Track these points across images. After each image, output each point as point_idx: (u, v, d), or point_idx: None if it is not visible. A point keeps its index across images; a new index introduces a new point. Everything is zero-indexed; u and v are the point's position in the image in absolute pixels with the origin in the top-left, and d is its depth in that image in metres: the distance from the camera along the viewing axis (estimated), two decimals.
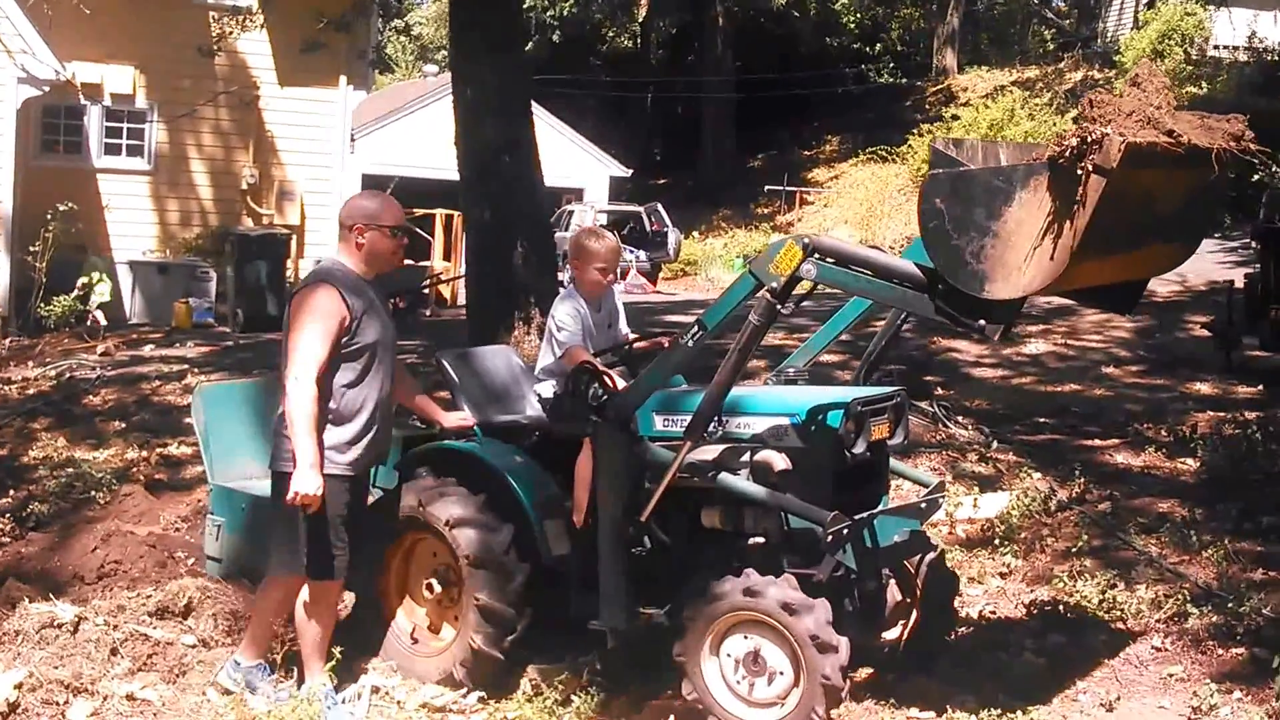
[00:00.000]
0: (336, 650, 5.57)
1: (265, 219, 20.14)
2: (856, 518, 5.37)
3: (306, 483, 5.34)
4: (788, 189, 35.43)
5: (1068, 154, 4.42)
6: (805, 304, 5.65)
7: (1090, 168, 4.37)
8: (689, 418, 5.42)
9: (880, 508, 5.77)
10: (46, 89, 16.54)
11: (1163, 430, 10.47)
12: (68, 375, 13.24)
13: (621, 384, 5.68)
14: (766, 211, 36.50)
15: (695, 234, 34.98)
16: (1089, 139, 4.37)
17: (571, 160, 35.66)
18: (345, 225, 5.74)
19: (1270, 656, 5.15)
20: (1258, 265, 13.49)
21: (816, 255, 5.09)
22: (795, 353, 6.33)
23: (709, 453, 5.51)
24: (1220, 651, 5.69)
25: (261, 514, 5.97)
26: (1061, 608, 6.39)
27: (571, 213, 31.73)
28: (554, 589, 5.82)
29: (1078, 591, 6.60)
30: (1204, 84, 30.17)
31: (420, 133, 33.17)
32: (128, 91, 19.37)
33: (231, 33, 16.18)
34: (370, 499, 5.99)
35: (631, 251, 29.99)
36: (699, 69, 41.04)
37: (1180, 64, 30.65)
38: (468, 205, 9.95)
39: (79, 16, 16.50)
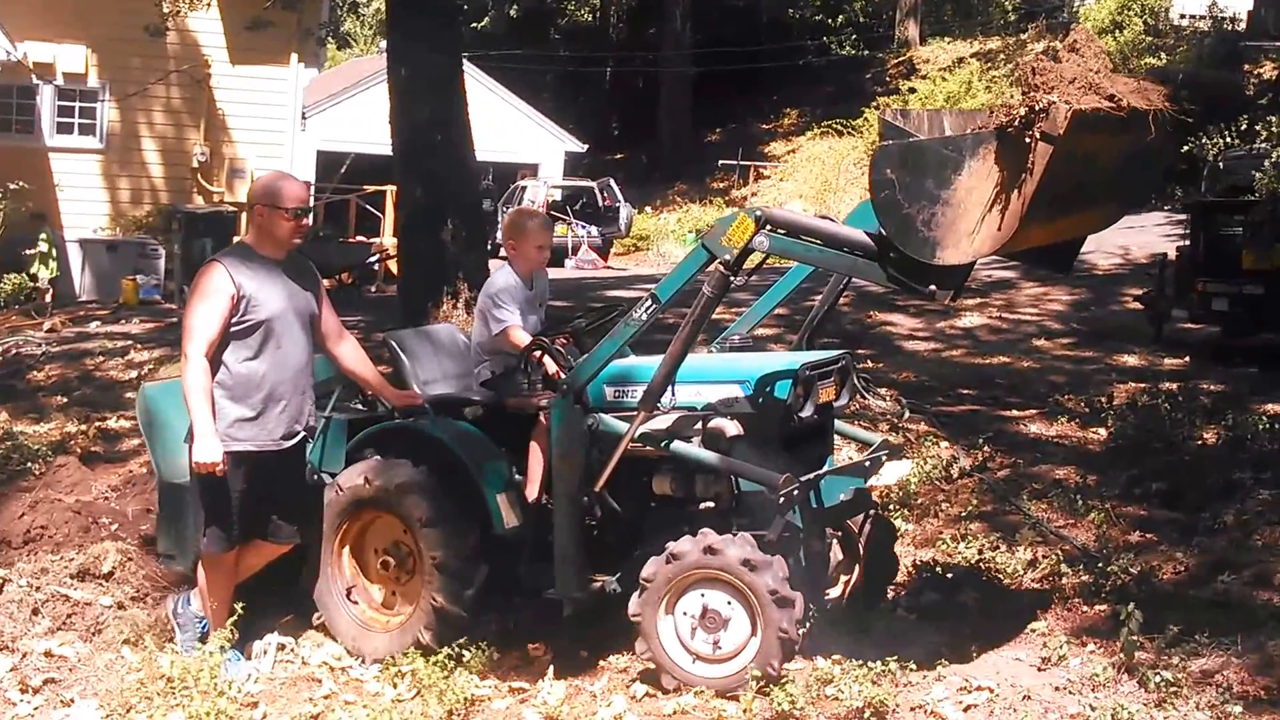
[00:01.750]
0: (238, 606, 5.76)
1: (216, 197, 20.24)
2: (805, 478, 5.52)
3: (204, 451, 5.48)
4: (742, 163, 35.49)
5: (1016, 123, 4.56)
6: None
7: (1038, 135, 4.52)
8: (640, 388, 5.57)
9: (827, 468, 5.93)
10: None
11: (1081, 401, 10.76)
12: (13, 352, 13.38)
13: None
14: (722, 186, 36.54)
15: (650, 209, 35.07)
16: (1036, 108, 4.52)
17: (526, 135, 35.73)
18: (249, 206, 5.95)
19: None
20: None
21: (769, 227, 5.21)
22: (737, 321, 6.44)
23: (662, 422, 5.63)
24: (1085, 609, 5.98)
25: None
26: (940, 568, 6.68)
27: (524, 188, 31.80)
28: (506, 561, 5.91)
29: (959, 553, 6.92)
30: (1163, 55, 30.43)
31: (376, 109, 33.04)
32: (80, 71, 19.44)
33: (180, 11, 16.18)
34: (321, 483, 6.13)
35: (583, 227, 30.13)
36: (658, 43, 41.03)
37: (1139, 34, 30.88)
38: (401, 183, 10.16)
39: None
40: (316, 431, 6.13)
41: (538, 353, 5.86)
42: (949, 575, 6.62)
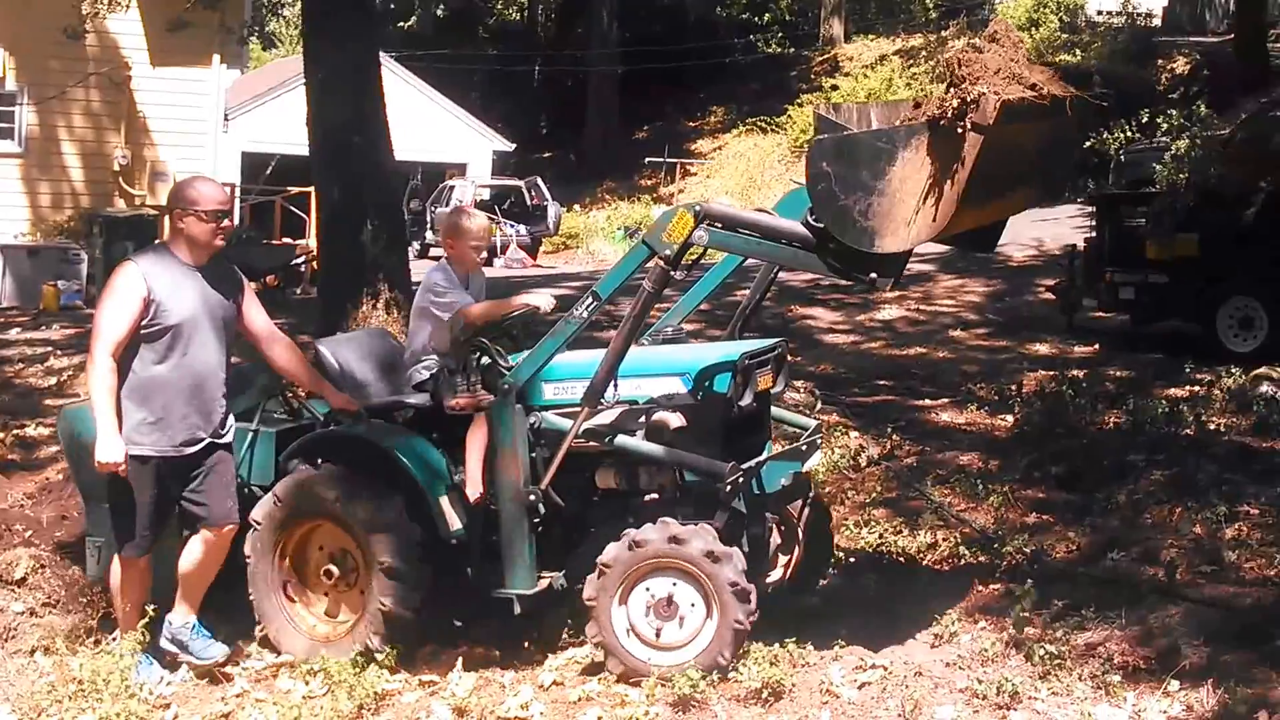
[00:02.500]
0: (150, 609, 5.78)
1: (138, 200, 20.05)
2: (748, 466, 5.60)
3: (106, 451, 5.48)
4: (669, 160, 35.66)
5: (948, 114, 4.68)
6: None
7: (969, 126, 4.64)
8: (580, 384, 5.61)
9: (766, 454, 5.99)
10: None
11: (992, 389, 11.02)
12: None
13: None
14: (650, 183, 36.75)
15: (578, 207, 35.16)
16: (967, 99, 4.65)
17: (454, 135, 35.66)
18: (168, 211, 5.90)
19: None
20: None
21: (707, 222, 5.28)
22: (668, 313, 6.47)
23: (605, 417, 5.69)
24: (980, 588, 6.19)
25: None
26: (842, 553, 6.85)
27: (452, 188, 31.74)
28: (452, 562, 5.92)
29: (862, 539, 7.11)
30: (1078, 51, 30.99)
31: (300, 110, 32.71)
32: None
33: (99, 13, 15.96)
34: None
35: (512, 226, 30.12)
36: (586, 41, 41.12)
37: (1055, 31, 31.42)
38: (319, 184, 10.20)
39: None
40: (231, 437, 5.99)
41: (476, 354, 5.82)
42: (852, 560, 6.80)
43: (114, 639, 5.89)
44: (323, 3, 9.87)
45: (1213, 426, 8.96)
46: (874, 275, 5.08)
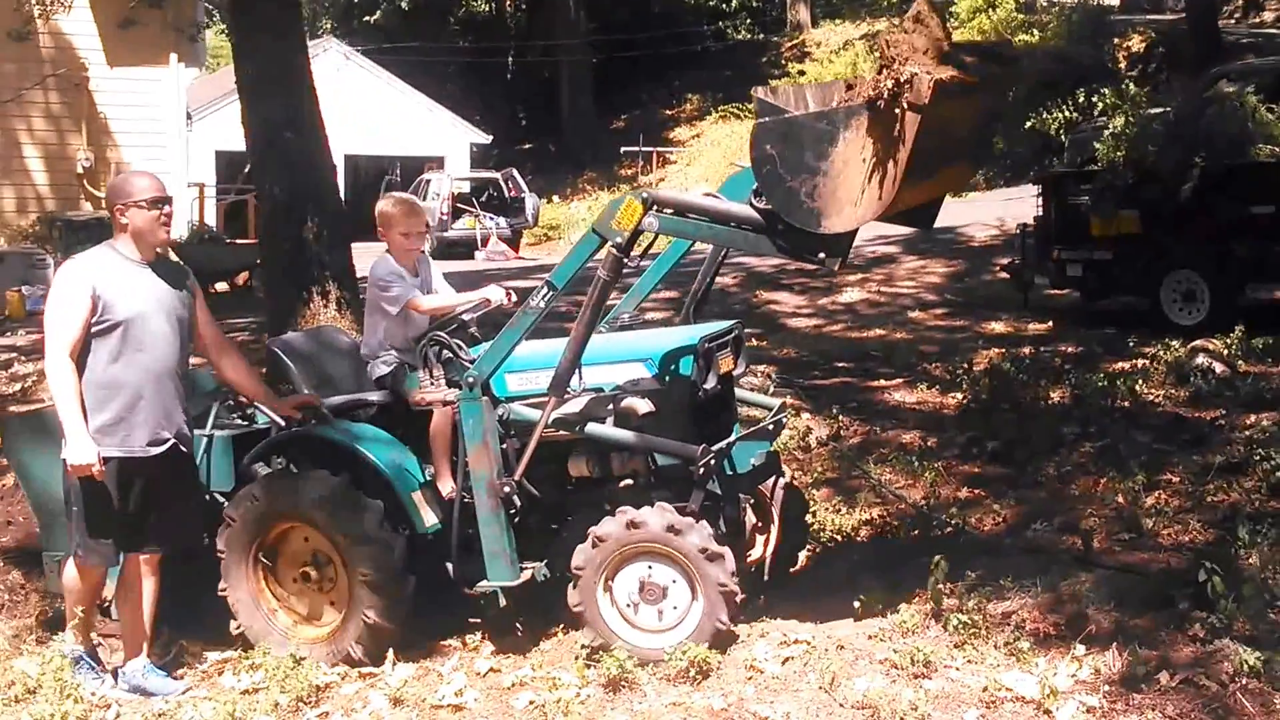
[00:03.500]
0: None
1: (103, 201, 20.10)
2: (718, 447, 5.66)
3: (78, 452, 5.42)
4: (645, 149, 35.72)
5: (885, 95, 4.79)
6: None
7: (906, 106, 4.77)
8: (543, 374, 5.68)
9: (734, 435, 6.07)
10: None
11: (946, 368, 11.18)
12: None
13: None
14: (630, 173, 36.83)
15: (558, 198, 35.25)
16: (901, 80, 4.77)
17: (430, 128, 35.78)
18: (109, 209, 5.78)
19: (949, 564, 5.82)
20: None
21: (656, 208, 5.37)
22: (623, 300, 6.54)
23: (573, 405, 5.75)
24: (905, 562, 6.32)
25: None
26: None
27: (429, 181, 31.78)
28: (429, 559, 5.93)
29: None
30: (1034, 32, 31.13)
31: None
32: None
33: (44, 14, 15.92)
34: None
35: (491, 219, 30.20)
36: (555, 31, 41.14)
37: (1011, 13, 31.54)
38: (257, 183, 10.27)
39: None
40: (193, 441, 6.02)
41: (435, 348, 5.83)
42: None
43: (60, 640, 5.89)
44: (246, 1, 9.93)
45: (1151, 398, 9.14)
46: (822, 255, 5.17)
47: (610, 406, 5.75)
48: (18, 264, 18.56)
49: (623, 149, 36.89)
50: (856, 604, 5.68)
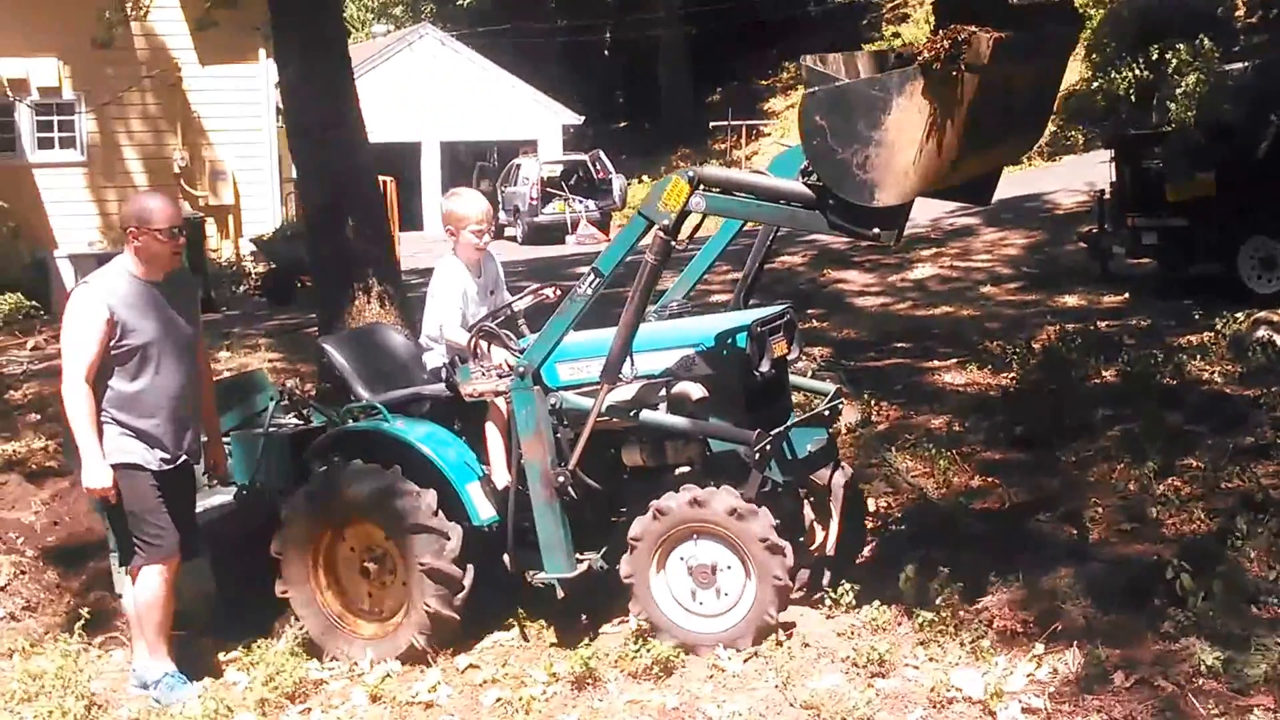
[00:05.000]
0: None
1: (200, 201, 20.64)
2: (775, 433, 5.55)
3: (93, 476, 5.51)
4: (735, 123, 35.38)
5: (941, 56, 4.56)
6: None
7: (964, 67, 4.54)
8: (594, 363, 5.60)
9: (790, 421, 5.93)
10: None
11: (1005, 347, 10.93)
12: None
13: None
14: (724, 147, 36.62)
15: (648, 177, 35.16)
16: (959, 39, 4.53)
17: (523, 112, 35.96)
18: (123, 228, 5.77)
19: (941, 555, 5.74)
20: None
21: (703, 187, 5.22)
22: (673, 286, 6.38)
23: (625, 392, 5.65)
24: (894, 556, 6.24)
25: None
26: None
27: (519, 166, 31.99)
28: (486, 552, 5.90)
29: None
30: None
31: (370, 96, 33.48)
32: (54, 84, 19.79)
33: (121, 22, 16.25)
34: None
35: (580, 202, 30.31)
36: (652, 4, 40.97)
37: None
38: (300, 184, 10.40)
39: None
40: (201, 454, 5.98)
41: (485, 342, 5.80)
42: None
43: (134, 671, 5.94)
44: (287, 2, 10.04)
45: (1201, 375, 8.86)
46: (876, 230, 4.97)
47: (663, 393, 5.69)
48: None
49: (711, 124, 36.56)
50: (828, 600, 5.62)
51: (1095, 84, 21.67)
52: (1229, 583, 5.03)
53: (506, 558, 5.89)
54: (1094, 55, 24.70)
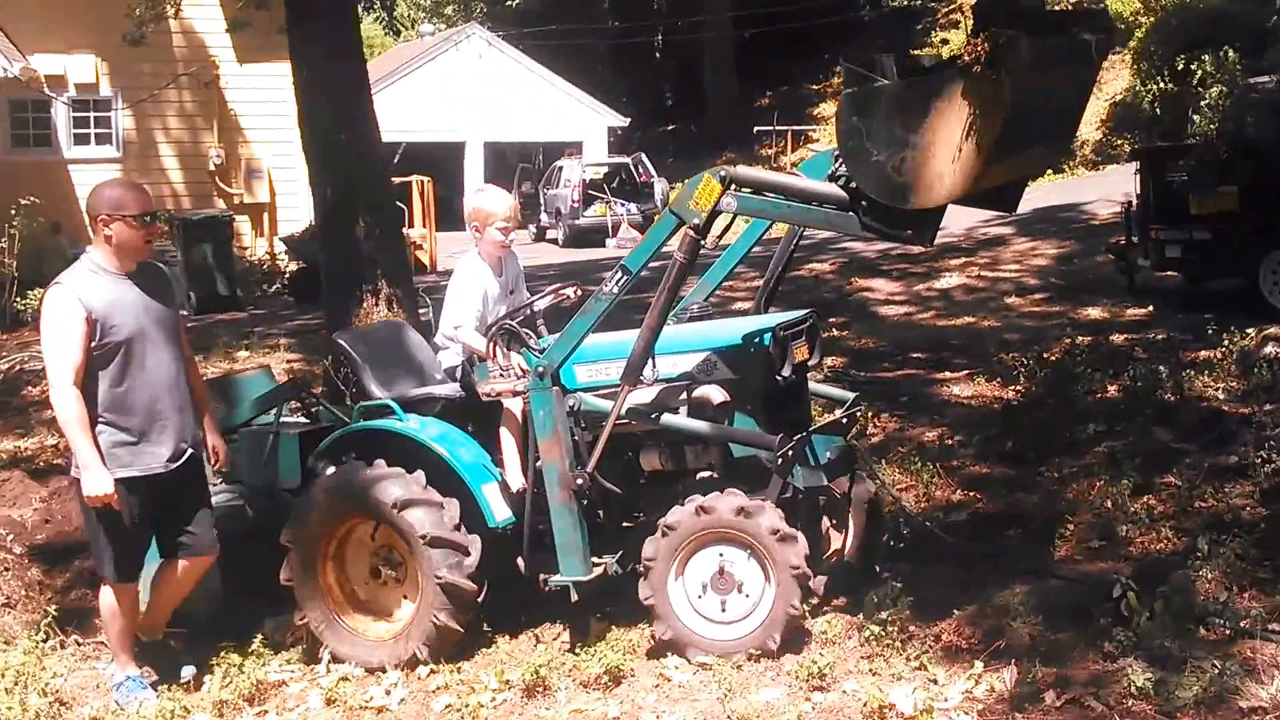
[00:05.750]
0: None
1: (236, 199, 20.84)
2: (798, 438, 5.50)
3: (94, 484, 5.36)
4: (780, 128, 35.22)
5: (981, 60, 4.55)
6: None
7: (1003, 71, 4.53)
8: (612, 365, 5.57)
9: (811, 427, 5.92)
10: None
11: (1016, 359, 10.82)
12: (17, 369, 13.93)
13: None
14: (771, 153, 36.47)
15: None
16: (1000, 42, 4.53)
17: (567, 113, 36.03)
18: (91, 217, 5.59)
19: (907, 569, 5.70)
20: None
21: (735, 187, 5.19)
22: (692, 291, 6.31)
23: (646, 395, 5.59)
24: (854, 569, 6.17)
25: None
26: None
27: (561, 168, 32.04)
28: (501, 554, 5.85)
29: None
30: None
31: (415, 95, 33.80)
32: (91, 80, 20.06)
33: (151, 20, 16.43)
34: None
35: (622, 205, 30.28)
36: (700, 6, 40.92)
37: None
38: (313, 185, 10.48)
39: (36, 10, 16.99)
40: (202, 443, 5.89)
41: (503, 339, 5.74)
42: None
43: (104, 670, 5.97)
44: (302, 3, 10.13)
45: (1202, 391, 8.74)
46: (909, 233, 4.96)
47: (684, 396, 5.64)
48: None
49: (756, 129, 36.45)
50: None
51: (1139, 93, 21.43)
52: (1172, 603, 4.96)
53: (520, 561, 5.84)
54: (1141, 64, 24.48)
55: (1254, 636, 4.79)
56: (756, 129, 36.47)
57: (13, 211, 17.14)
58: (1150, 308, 12.96)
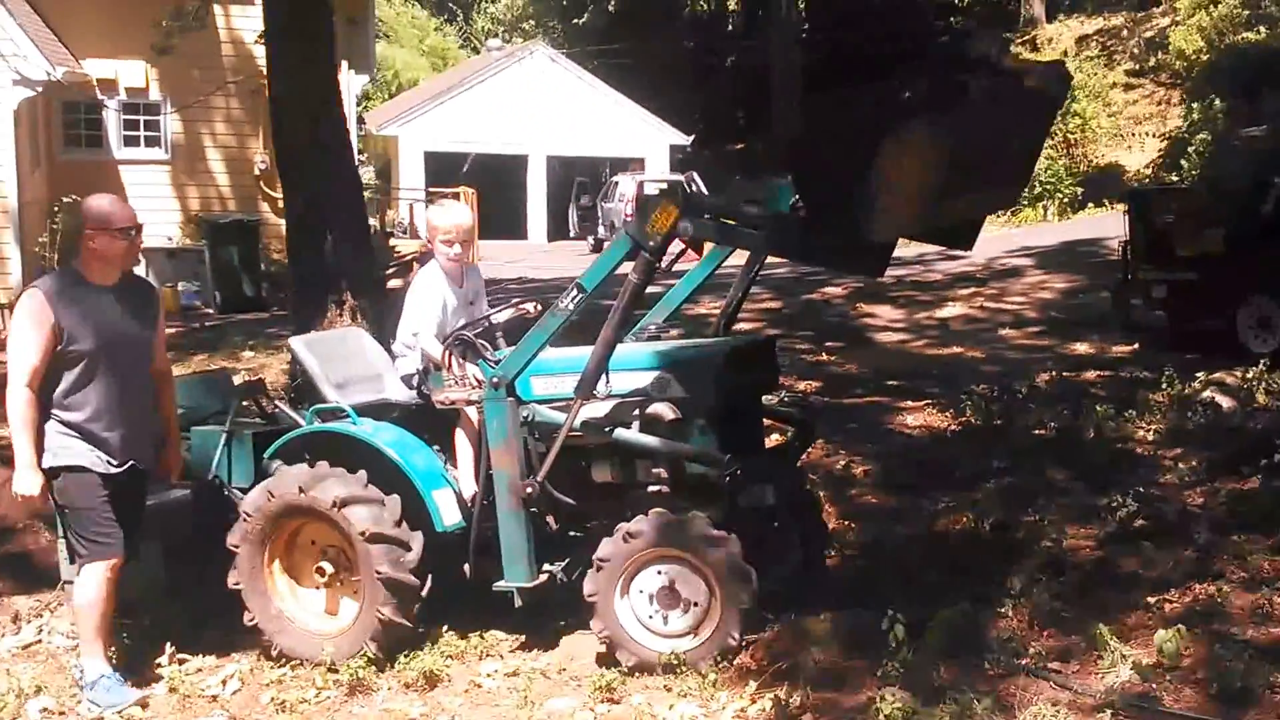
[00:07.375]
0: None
1: (280, 203, 21.33)
2: (746, 458, 5.61)
3: (23, 483, 5.50)
4: None
5: (939, 97, 4.62)
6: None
7: (956, 111, 4.63)
8: (566, 379, 5.66)
9: (761, 448, 6.07)
10: (40, 89, 17.89)
11: (990, 390, 10.84)
12: None
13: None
14: None
15: None
16: (958, 80, 4.66)
17: (629, 130, 36.44)
18: (77, 233, 5.67)
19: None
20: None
21: (692, 213, 5.27)
22: (653, 309, 6.40)
23: (599, 409, 5.70)
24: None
25: None
26: None
27: (617, 183, 32.44)
28: (448, 557, 5.94)
29: None
30: (1262, 29, 29.41)
31: (478, 108, 34.40)
32: (141, 85, 20.59)
33: (174, 38, 16.87)
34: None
35: None
36: (770, 29, 41.05)
37: (1234, 8, 29.86)
38: (285, 197, 10.76)
39: (90, 14, 17.53)
40: (154, 462, 5.94)
41: (459, 349, 5.88)
42: None
43: (74, 667, 5.92)
44: (280, 21, 10.44)
45: (1138, 433, 8.77)
46: (860, 266, 5.09)
47: (637, 412, 5.73)
48: (190, 260, 20.02)
49: None
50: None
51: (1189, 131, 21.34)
52: (935, 638, 5.09)
53: (467, 566, 5.97)
54: (1194, 103, 24.30)
55: (1031, 674, 4.90)
56: None
57: (55, 209, 17.79)
58: (1136, 345, 12.96)
